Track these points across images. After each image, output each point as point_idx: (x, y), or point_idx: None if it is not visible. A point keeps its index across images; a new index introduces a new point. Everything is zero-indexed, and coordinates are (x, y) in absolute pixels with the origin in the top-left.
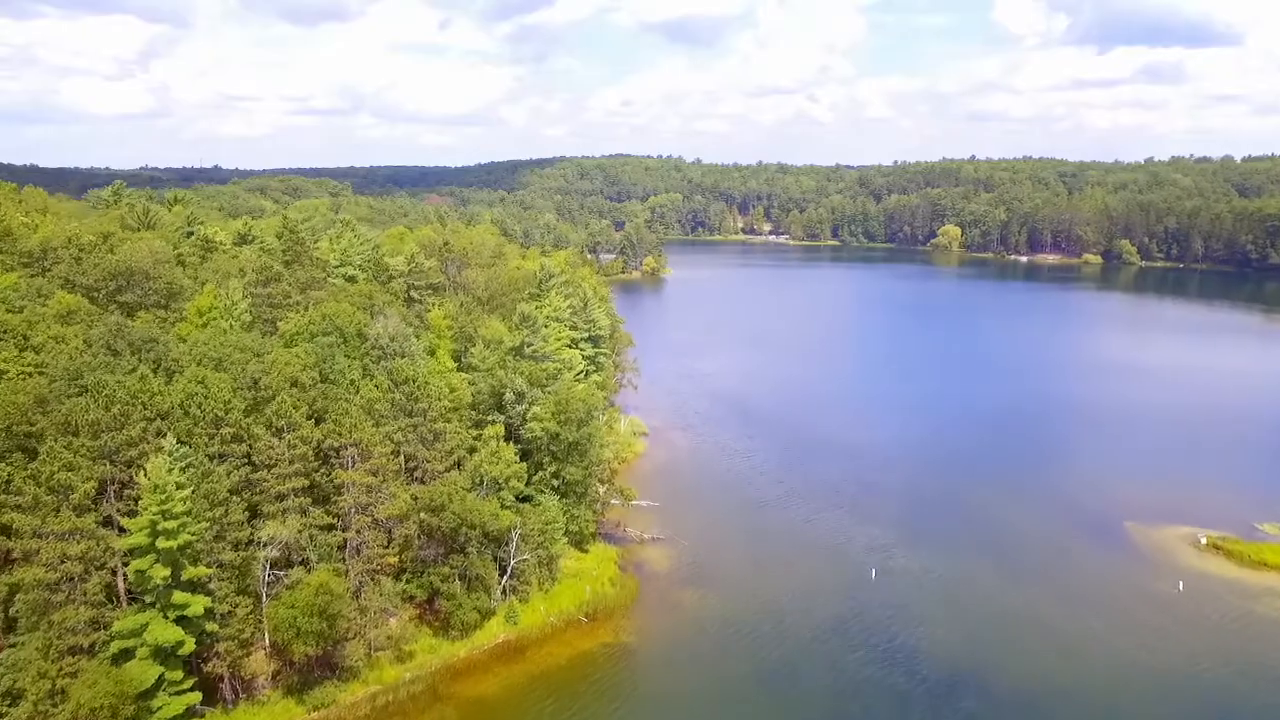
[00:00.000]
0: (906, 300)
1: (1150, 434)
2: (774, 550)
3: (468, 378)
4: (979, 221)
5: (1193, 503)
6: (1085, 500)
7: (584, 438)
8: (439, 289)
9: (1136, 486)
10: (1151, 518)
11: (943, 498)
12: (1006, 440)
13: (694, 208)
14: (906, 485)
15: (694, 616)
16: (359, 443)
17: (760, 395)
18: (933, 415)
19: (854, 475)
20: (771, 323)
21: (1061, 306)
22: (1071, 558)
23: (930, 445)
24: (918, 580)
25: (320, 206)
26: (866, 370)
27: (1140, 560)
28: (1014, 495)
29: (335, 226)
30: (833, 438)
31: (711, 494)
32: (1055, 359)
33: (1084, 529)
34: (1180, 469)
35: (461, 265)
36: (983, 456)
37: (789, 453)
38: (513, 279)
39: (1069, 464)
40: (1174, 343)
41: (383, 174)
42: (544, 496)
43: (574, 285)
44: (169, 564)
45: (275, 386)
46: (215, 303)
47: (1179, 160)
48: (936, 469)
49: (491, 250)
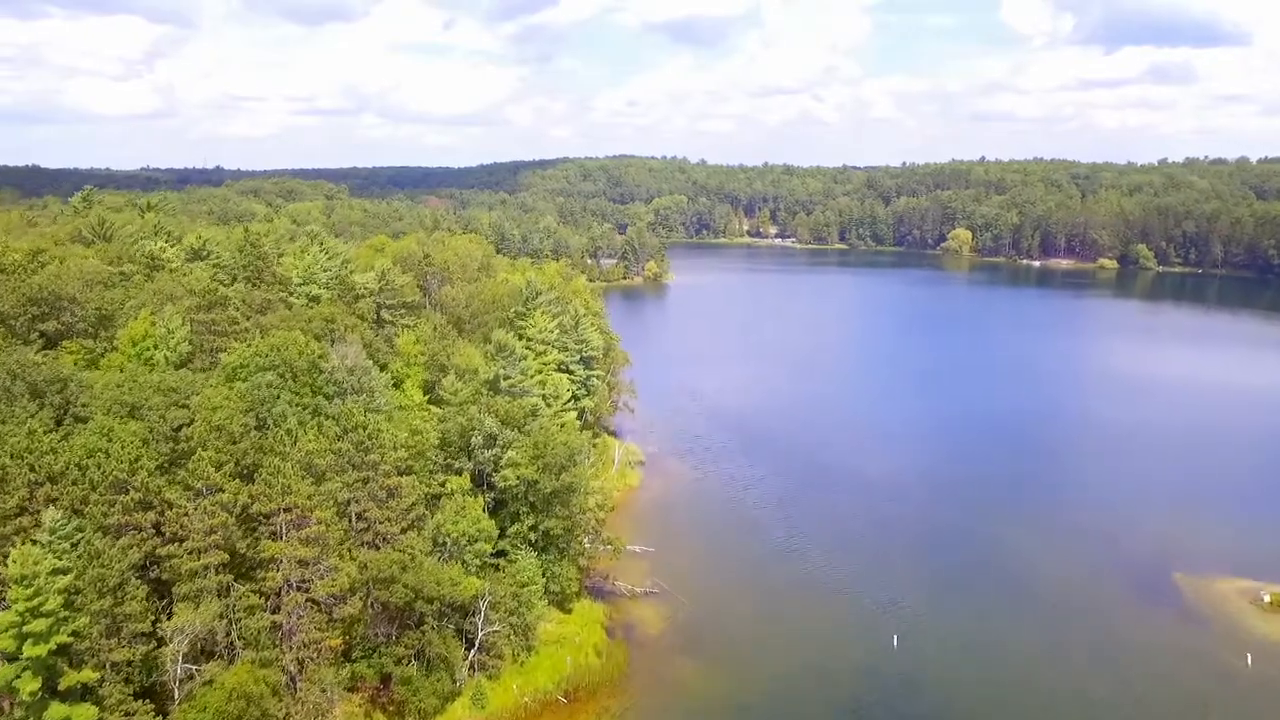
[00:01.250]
0: (917, 308)
1: (1186, 461)
2: (782, 608)
3: (439, 413)
4: (990, 225)
5: (1246, 548)
6: (1125, 543)
7: (565, 486)
8: (414, 308)
9: (1180, 527)
10: (1202, 567)
11: (965, 539)
12: (1031, 468)
13: (699, 210)
14: (925, 523)
15: (691, 695)
16: (293, 507)
17: (765, 414)
18: (947, 438)
19: (867, 510)
20: (778, 333)
21: (1078, 315)
22: (1117, 619)
23: (947, 472)
24: (943, 646)
25: (313, 210)
26: (877, 386)
27: (1196, 622)
28: (1044, 536)
29: (300, 239)
30: (843, 464)
31: (712, 536)
32: (1077, 374)
33: (1127, 580)
34: (1225, 504)
35: (443, 280)
36: (1006, 487)
37: (796, 482)
38: (496, 296)
39: (1101, 496)
40: (1201, 355)
41: (384, 175)
42: (520, 553)
43: (564, 302)
44: (41, 672)
45: (199, 437)
46: (151, 331)
47: (1194, 162)
48: (956, 501)
49: (478, 262)
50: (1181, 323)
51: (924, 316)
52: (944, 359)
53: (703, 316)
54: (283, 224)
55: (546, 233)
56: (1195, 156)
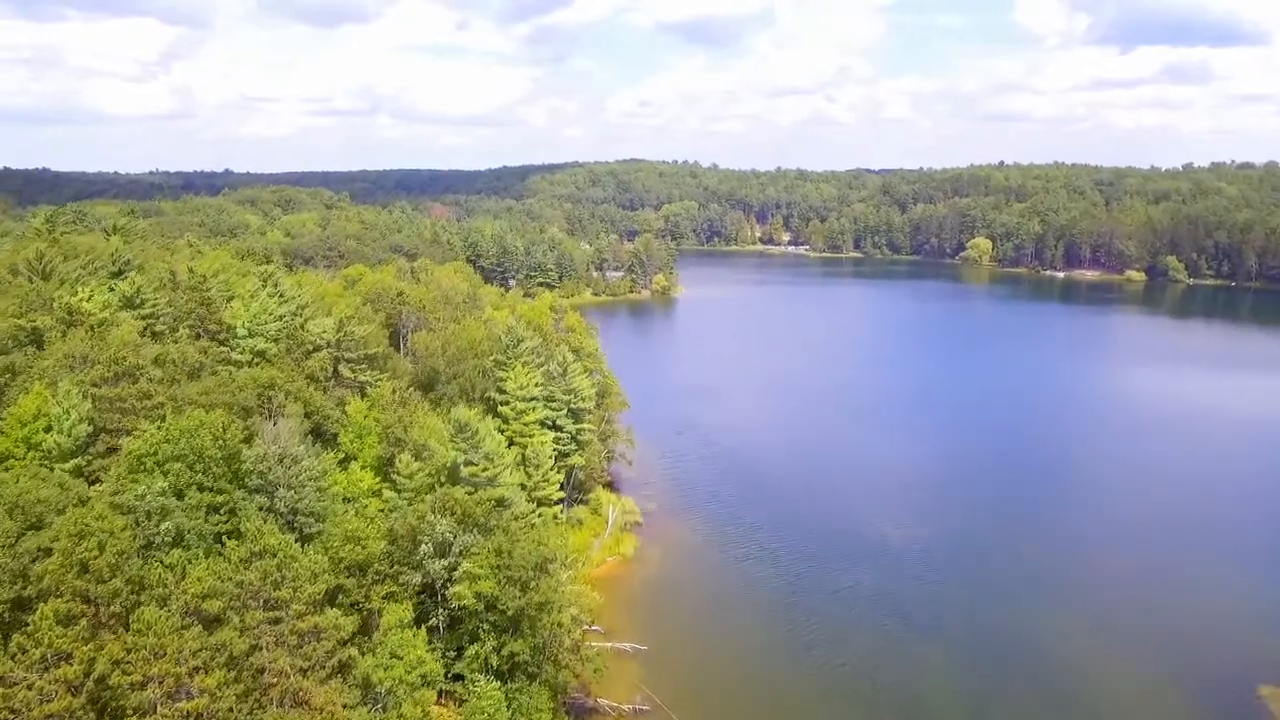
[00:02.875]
0: (938, 326)
1: (1269, 535)
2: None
3: (391, 501)
4: (1011, 234)
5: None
6: (1197, 646)
7: (534, 604)
8: (379, 361)
9: (1265, 625)
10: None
11: (1007, 636)
12: (1081, 549)
13: (710, 216)
14: (961, 611)
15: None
16: (163, 677)
17: (778, 460)
18: (983, 498)
19: (893, 596)
20: (792, 357)
21: (1111, 333)
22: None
23: (981, 546)
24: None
25: (308, 222)
26: (900, 424)
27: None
28: (1100, 637)
29: (250, 276)
30: (865, 529)
31: (715, 627)
32: (1125, 416)
33: (1201, 694)
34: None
35: (419, 322)
36: (1050, 572)
37: (813, 553)
38: (475, 341)
39: (1161, 574)
40: (1255, 385)
41: (393, 178)
42: (479, 682)
43: (552, 345)
44: None
45: (55, 579)
46: (45, 409)
47: (1220, 167)
48: (994, 590)
49: (463, 295)
50: (1222, 344)
51: (947, 336)
52: (973, 392)
53: (712, 337)
54: (275, 237)
55: (550, 244)
56: (1220, 160)
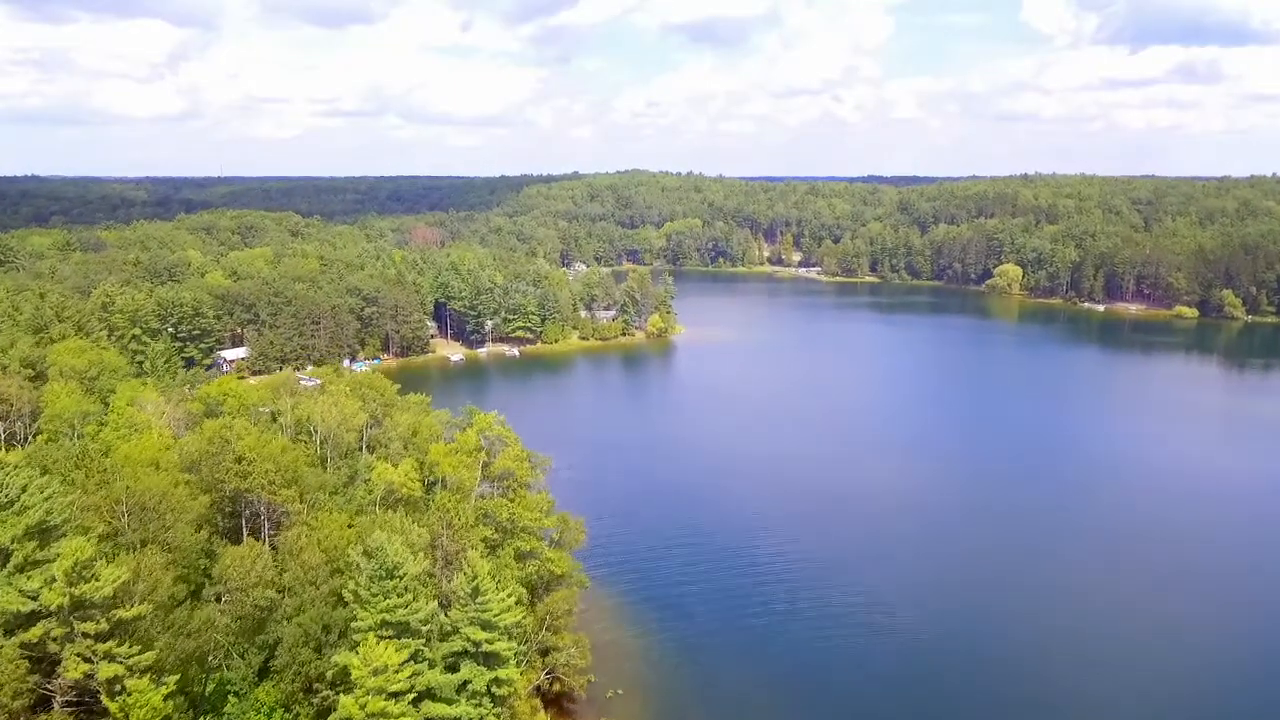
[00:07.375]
0: (969, 372)
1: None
2: None
3: None
4: (1044, 260)
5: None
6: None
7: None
8: (142, 630)
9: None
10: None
11: None
12: (1132, 667)
13: (714, 235)
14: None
15: None
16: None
17: (790, 649)
18: (1024, 610)
19: None
20: (804, 429)
21: (1170, 387)
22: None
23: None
24: None
25: (259, 259)
26: (927, 520)
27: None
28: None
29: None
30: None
31: None
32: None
33: None
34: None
35: (270, 511)
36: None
37: None
38: (339, 546)
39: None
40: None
41: (385, 189)
42: None
43: (456, 556)
44: None
45: None
46: None
47: (1260, 179)
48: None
49: (356, 431)
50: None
51: (979, 385)
52: (1009, 465)
53: (713, 397)
54: (216, 279)
55: (535, 279)
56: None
